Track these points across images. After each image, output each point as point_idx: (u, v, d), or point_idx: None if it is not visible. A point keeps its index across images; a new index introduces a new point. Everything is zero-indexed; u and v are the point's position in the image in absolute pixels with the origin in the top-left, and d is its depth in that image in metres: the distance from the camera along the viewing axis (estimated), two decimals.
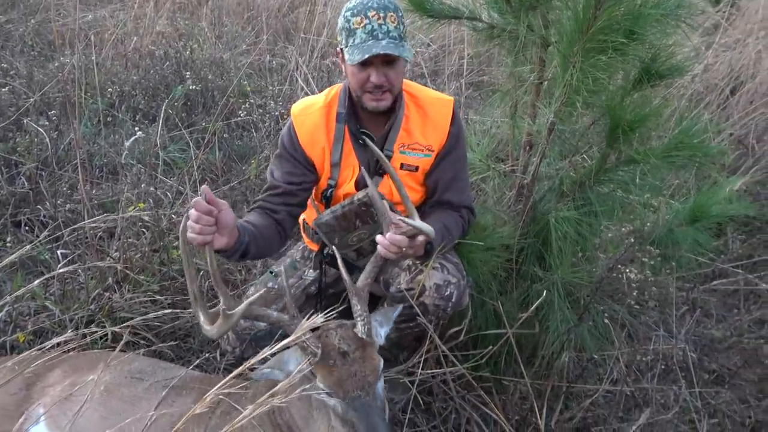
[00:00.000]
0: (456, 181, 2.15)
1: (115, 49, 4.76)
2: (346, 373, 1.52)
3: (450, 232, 2.04)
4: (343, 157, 2.11)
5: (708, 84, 4.76)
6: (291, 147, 2.11)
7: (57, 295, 2.47)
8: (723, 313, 3.07)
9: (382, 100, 1.98)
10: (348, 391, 1.50)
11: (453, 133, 2.13)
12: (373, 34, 1.88)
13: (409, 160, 2.13)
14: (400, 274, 2.10)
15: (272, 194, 2.09)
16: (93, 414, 1.63)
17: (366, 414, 1.48)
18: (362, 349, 1.57)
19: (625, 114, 2.12)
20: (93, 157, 3.59)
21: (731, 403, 2.45)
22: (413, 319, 2.01)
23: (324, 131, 2.09)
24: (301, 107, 2.15)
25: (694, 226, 2.45)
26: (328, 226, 2.05)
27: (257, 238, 1.87)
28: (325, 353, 1.54)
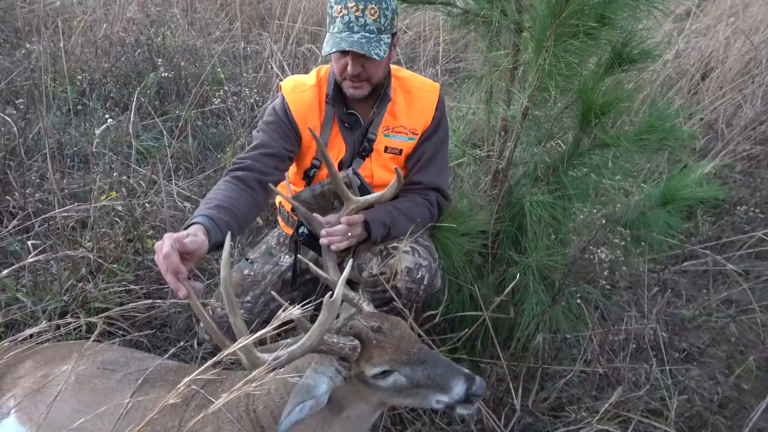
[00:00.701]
0: (432, 162, 2.17)
1: (85, 36, 4.65)
2: (396, 338, 1.50)
3: (402, 212, 2.06)
4: (330, 138, 2.12)
5: (679, 69, 4.84)
6: (284, 116, 2.09)
7: (29, 286, 2.42)
8: (693, 293, 3.15)
9: (359, 88, 2.01)
10: (409, 350, 1.49)
11: (437, 117, 2.16)
12: (349, 26, 1.89)
13: (393, 143, 2.15)
14: (372, 258, 2.11)
15: (264, 153, 2.01)
16: (65, 406, 1.61)
17: (434, 358, 1.50)
18: (386, 319, 1.57)
19: (597, 98, 2.15)
20: (63, 146, 3.51)
21: (700, 380, 2.53)
22: (387, 303, 2.03)
23: (317, 111, 2.11)
24: (292, 85, 2.14)
25: (665, 208, 2.50)
26: (306, 203, 2.05)
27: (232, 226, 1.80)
28: (365, 338, 1.50)
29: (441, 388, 1.48)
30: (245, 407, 1.61)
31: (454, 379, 1.48)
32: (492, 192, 2.46)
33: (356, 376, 1.52)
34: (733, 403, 2.44)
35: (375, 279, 2.05)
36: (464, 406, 1.51)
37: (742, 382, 2.53)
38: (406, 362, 1.48)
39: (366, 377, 1.50)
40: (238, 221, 1.83)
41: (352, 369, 1.51)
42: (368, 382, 1.51)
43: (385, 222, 2.00)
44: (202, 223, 1.68)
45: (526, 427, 2.19)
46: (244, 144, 3.61)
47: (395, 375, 1.48)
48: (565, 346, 2.55)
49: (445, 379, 1.48)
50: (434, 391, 1.50)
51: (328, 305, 1.32)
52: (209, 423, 1.59)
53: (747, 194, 3.90)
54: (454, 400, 1.49)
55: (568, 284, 2.41)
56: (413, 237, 2.04)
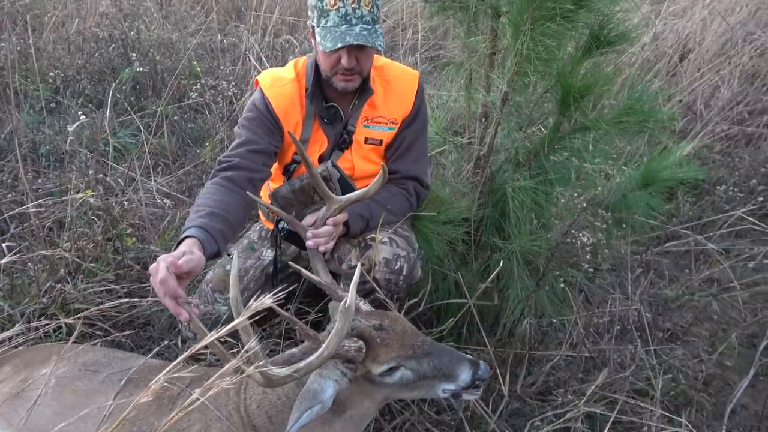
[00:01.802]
0: (410, 151, 2.15)
1: (56, 32, 4.55)
2: (399, 334, 1.51)
3: (380, 204, 2.04)
4: (312, 132, 2.09)
5: (657, 52, 4.87)
6: (266, 112, 2.04)
7: (5, 289, 2.37)
8: (675, 273, 3.18)
9: (350, 80, 1.97)
10: (413, 344, 1.50)
11: (416, 105, 2.14)
12: (347, 18, 1.84)
13: (373, 133, 2.12)
14: (351, 250, 2.09)
15: (251, 150, 1.97)
16: (46, 410, 1.58)
17: (437, 349, 1.52)
18: (385, 315, 1.56)
19: (576, 81, 2.15)
20: (37, 145, 3.44)
21: (684, 359, 2.55)
22: (367, 295, 2.01)
23: (298, 106, 2.07)
24: (271, 79, 2.09)
25: (647, 190, 2.51)
26: (285, 199, 2.03)
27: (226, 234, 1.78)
28: (368, 338, 1.48)
29: (447, 377, 1.50)
30: (235, 405, 1.60)
31: (460, 367, 1.50)
32: (474, 179, 2.45)
33: (362, 376, 1.51)
34: (716, 381, 2.48)
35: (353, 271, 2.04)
36: (470, 392, 1.54)
37: (725, 360, 2.56)
38: (411, 356, 1.49)
39: (372, 376, 1.50)
40: (231, 226, 1.80)
41: (358, 370, 1.50)
42: (374, 381, 1.51)
43: (362, 215, 1.99)
44: (196, 236, 1.64)
45: (514, 412, 2.20)
46: (223, 138, 3.56)
47: (402, 370, 1.49)
48: (550, 330, 2.56)
49: (450, 368, 1.50)
50: (441, 381, 1.51)
51: (343, 312, 1.30)
52: (197, 421, 1.57)
53: (726, 174, 3.94)
54: (460, 387, 1.51)
55: (551, 269, 2.42)
56: (392, 228, 2.02)
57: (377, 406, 1.64)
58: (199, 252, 1.58)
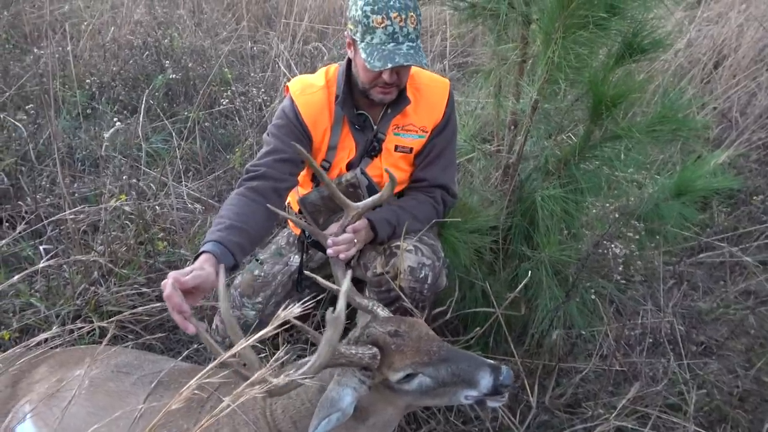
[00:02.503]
0: (439, 158, 2.14)
1: (93, 40, 4.68)
2: (415, 339, 1.48)
3: (407, 211, 2.04)
4: (341, 139, 2.10)
5: (691, 58, 4.77)
6: (295, 119, 2.05)
7: (42, 291, 2.44)
8: (710, 285, 3.10)
9: (388, 93, 1.98)
10: (429, 350, 1.47)
11: (447, 114, 2.14)
12: (394, 36, 1.85)
13: (403, 141, 2.12)
14: (376, 258, 2.09)
15: (277, 159, 1.99)
16: (80, 410, 1.62)
17: (456, 355, 1.48)
18: (403, 321, 1.55)
19: (607, 90, 2.12)
20: (74, 150, 3.53)
21: (719, 374, 2.48)
22: (391, 303, 2.01)
23: (327, 113, 2.08)
24: (301, 86, 2.10)
25: (680, 200, 2.46)
26: (313, 205, 2.04)
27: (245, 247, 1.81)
28: (383, 345, 1.48)
29: (468, 384, 1.46)
30: (261, 410, 1.61)
31: (480, 372, 1.45)
32: (503, 187, 2.43)
33: (381, 383, 1.49)
34: (753, 397, 2.40)
35: (379, 279, 2.04)
36: (494, 399, 1.48)
37: (762, 376, 2.48)
38: (428, 363, 1.45)
39: (391, 383, 1.48)
40: (250, 238, 1.83)
41: (376, 377, 1.49)
42: (394, 388, 1.49)
43: (390, 221, 1.98)
44: (211, 251, 1.68)
45: (543, 424, 2.17)
46: (252, 144, 3.61)
47: (420, 377, 1.47)
48: (580, 341, 2.52)
49: (470, 374, 1.45)
50: (462, 387, 1.47)
51: (332, 321, 1.29)
52: (225, 425, 1.59)
53: (763, 184, 3.83)
54: (482, 393, 1.46)
55: (581, 279, 2.38)
56: (417, 236, 2.02)
57: (400, 413, 1.62)
58: (211, 268, 1.62)
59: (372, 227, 1.95)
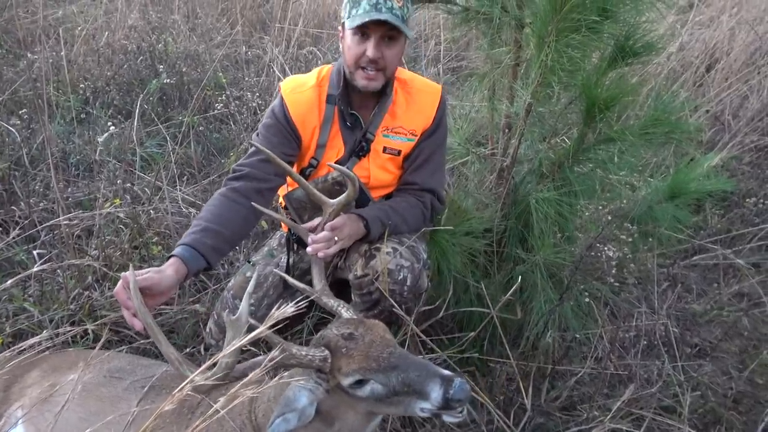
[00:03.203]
0: (428, 163, 2.15)
1: (87, 44, 4.66)
2: (366, 345, 1.42)
3: (398, 213, 2.05)
4: (330, 138, 2.10)
5: (684, 62, 4.80)
6: (284, 119, 2.07)
7: (36, 296, 2.42)
8: (703, 287, 3.11)
9: (373, 79, 1.97)
10: (378, 356, 1.39)
11: (437, 119, 2.14)
12: (377, 7, 1.87)
13: (392, 143, 2.12)
14: (358, 260, 2.09)
15: (262, 160, 2.00)
16: (71, 415, 1.60)
17: (407, 362, 1.39)
18: (362, 323, 1.50)
19: (601, 93, 2.13)
20: (68, 155, 3.52)
21: (713, 376, 2.49)
22: (374, 306, 2.01)
23: (316, 111, 2.08)
24: (292, 85, 2.12)
25: (673, 202, 2.48)
26: (299, 201, 2.04)
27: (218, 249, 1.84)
28: (334, 348, 1.44)
29: (419, 394, 1.36)
30: (248, 414, 1.60)
31: (430, 384, 1.34)
32: (497, 190, 2.44)
33: (337, 386, 1.44)
34: (747, 399, 2.41)
35: (360, 281, 2.04)
36: (449, 413, 1.37)
37: (756, 377, 2.49)
38: (376, 369, 1.38)
39: (345, 388, 1.42)
40: (226, 240, 1.87)
41: (330, 380, 1.45)
42: (349, 393, 1.43)
43: (383, 220, 1.99)
44: (179, 255, 1.74)
45: (538, 427, 2.17)
46: (247, 148, 3.60)
47: (371, 384, 1.39)
48: (575, 344, 2.52)
49: (420, 384, 1.35)
50: (414, 398, 1.37)
51: (231, 324, 1.27)
52: (215, 431, 1.58)
53: (756, 186, 3.85)
54: (435, 406, 1.35)
55: (576, 282, 2.39)
56: (397, 237, 2.02)
57: (365, 420, 1.54)
58: (171, 272, 1.68)
59: (365, 225, 1.96)
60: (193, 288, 2.64)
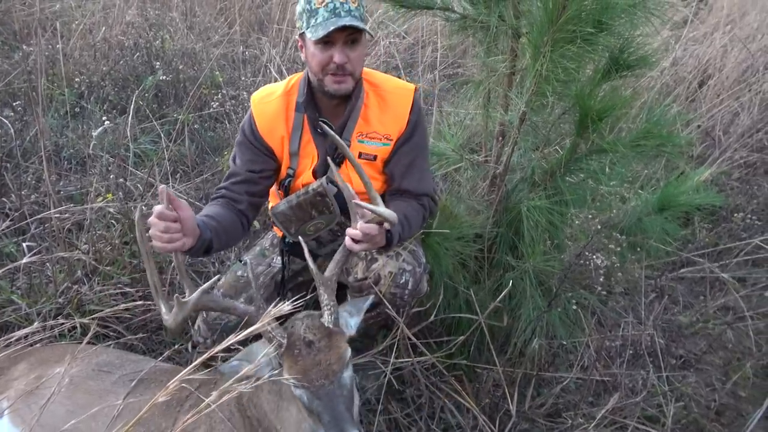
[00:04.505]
0: (413, 168, 2.12)
1: (83, 39, 4.65)
2: (311, 362, 1.50)
3: (409, 221, 2.04)
4: (301, 146, 2.09)
5: (677, 77, 4.86)
6: (251, 135, 2.08)
7: (24, 288, 2.41)
8: (690, 299, 3.14)
9: (343, 82, 1.96)
10: (313, 380, 1.48)
11: (412, 121, 2.10)
12: (336, 12, 1.86)
13: (367, 149, 2.10)
14: (357, 263, 2.10)
15: (234, 182, 2.07)
16: (59, 408, 1.60)
17: (330, 403, 1.47)
18: (328, 338, 1.55)
19: (594, 104, 2.15)
20: (60, 148, 3.51)
21: (697, 387, 2.52)
22: (373, 308, 2.01)
23: (283, 120, 2.07)
24: (261, 95, 2.12)
25: (663, 215, 2.50)
26: (284, 215, 2.04)
27: (219, 233, 1.87)
28: (290, 343, 1.53)
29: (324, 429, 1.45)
30: (236, 404, 1.63)
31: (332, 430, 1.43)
32: (489, 197, 2.46)
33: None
34: (730, 411, 2.44)
35: (360, 284, 2.05)
36: None
37: (738, 390, 2.52)
38: (306, 387, 1.48)
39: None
40: (224, 230, 1.90)
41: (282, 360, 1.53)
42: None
43: (401, 234, 1.96)
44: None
45: None
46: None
47: (301, 391, 1.49)
48: (562, 351, 2.54)
49: (326, 426, 1.45)
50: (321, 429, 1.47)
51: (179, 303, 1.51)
52: (202, 423, 1.60)
53: (744, 201, 3.90)
54: None
55: (564, 290, 2.41)
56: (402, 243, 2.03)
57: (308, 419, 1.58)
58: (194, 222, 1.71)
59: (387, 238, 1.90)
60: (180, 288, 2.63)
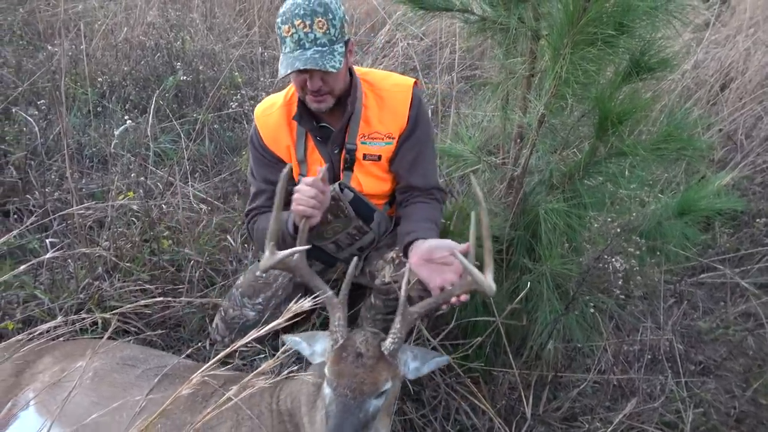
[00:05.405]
0: (418, 163, 2.12)
1: (105, 39, 4.73)
2: (349, 371, 1.55)
3: (435, 222, 2.06)
4: (307, 153, 2.11)
5: (698, 80, 4.80)
6: (260, 147, 2.13)
7: (46, 284, 2.46)
8: (710, 305, 3.10)
9: (323, 101, 1.96)
10: (340, 385, 1.54)
11: (412, 117, 2.09)
12: (300, 43, 1.84)
13: (371, 149, 2.10)
14: (384, 266, 2.11)
15: (267, 198, 2.12)
16: (84, 399, 1.64)
17: (341, 414, 1.50)
18: (376, 360, 1.58)
19: (614, 106, 2.14)
20: (83, 147, 3.57)
21: (717, 394, 2.48)
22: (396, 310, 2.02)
23: (286, 130, 2.10)
24: (263, 108, 2.16)
25: (683, 219, 2.47)
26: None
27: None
28: (344, 345, 1.61)
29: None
30: (267, 405, 1.68)
31: None
32: (507, 199, 2.45)
33: None
34: (750, 418, 2.40)
35: (387, 287, 2.06)
36: None
37: (759, 397, 2.48)
38: (333, 389, 1.55)
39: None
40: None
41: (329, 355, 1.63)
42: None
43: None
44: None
45: None
46: None
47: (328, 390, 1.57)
48: (579, 355, 2.52)
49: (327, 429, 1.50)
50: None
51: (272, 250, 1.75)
52: (228, 418, 1.64)
53: (767, 206, 3.84)
54: None
55: (582, 293, 2.39)
56: None
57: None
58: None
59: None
60: (201, 283, 2.67)
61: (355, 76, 2.07)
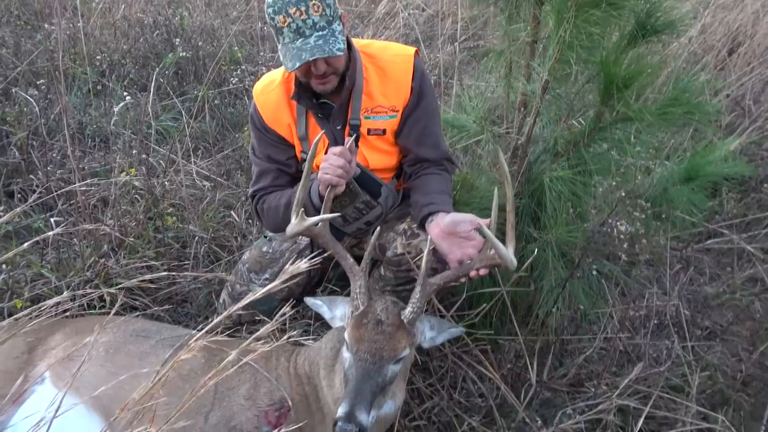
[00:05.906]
0: (426, 135, 2.10)
1: (103, 17, 4.67)
2: (369, 337, 1.59)
3: (448, 194, 2.05)
4: (309, 129, 2.09)
5: (705, 45, 4.71)
6: (261, 127, 2.11)
7: (53, 262, 2.47)
8: (716, 271, 3.09)
9: (327, 83, 1.94)
10: (360, 350, 1.58)
11: (415, 88, 2.06)
12: (300, 32, 1.80)
13: (375, 124, 2.08)
14: (396, 238, 2.11)
15: (274, 177, 2.13)
16: (100, 370, 1.67)
17: (361, 378, 1.54)
18: (395, 328, 1.62)
19: (619, 70, 2.10)
20: (84, 126, 3.55)
21: (723, 357, 2.49)
22: (408, 282, 2.02)
23: (286, 108, 2.07)
24: (262, 86, 2.13)
25: (689, 185, 2.45)
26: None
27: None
28: (365, 311, 1.65)
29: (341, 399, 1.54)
30: (285, 368, 1.76)
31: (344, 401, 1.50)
32: (511, 168, 2.43)
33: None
34: (756, 381, 2.41)
35: (399, 258, 2.06)
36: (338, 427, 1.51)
37: (766, 360, 2.49)
38: (352, 353, 1.59)
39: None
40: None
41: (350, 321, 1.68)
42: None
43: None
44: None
45: (545, 402, 2.19)
46: None
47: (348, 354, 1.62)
48: (585, 322, 2.53)
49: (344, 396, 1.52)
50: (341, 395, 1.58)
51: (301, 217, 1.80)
52: (247, 380, 1.71)
53: None
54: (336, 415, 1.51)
55: (587, 258, 2.38)
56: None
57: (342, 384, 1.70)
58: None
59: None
60: (206, 259, 2.67)
61: (354, 49, 2.03)
